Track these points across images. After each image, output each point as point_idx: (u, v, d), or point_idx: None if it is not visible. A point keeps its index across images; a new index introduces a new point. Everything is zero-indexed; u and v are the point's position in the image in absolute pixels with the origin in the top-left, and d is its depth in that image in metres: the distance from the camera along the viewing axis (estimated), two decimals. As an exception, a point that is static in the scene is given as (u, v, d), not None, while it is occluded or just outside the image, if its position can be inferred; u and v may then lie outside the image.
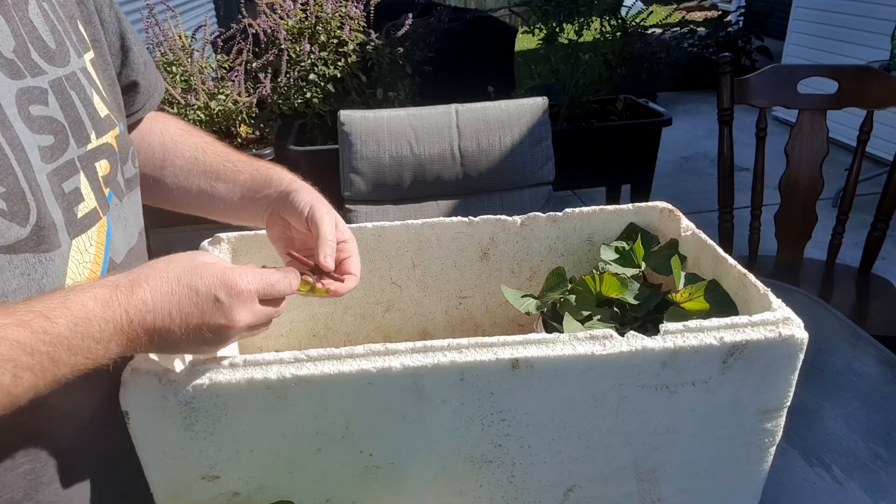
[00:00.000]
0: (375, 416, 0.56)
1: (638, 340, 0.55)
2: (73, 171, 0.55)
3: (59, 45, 0.56)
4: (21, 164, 0.49)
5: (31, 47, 0.53)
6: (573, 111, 2.72)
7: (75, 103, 0.56)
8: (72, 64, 0.57)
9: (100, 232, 0.57)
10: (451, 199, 1.68)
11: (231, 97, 2.34)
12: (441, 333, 0.87)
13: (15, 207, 0.48)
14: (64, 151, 0.54)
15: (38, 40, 0.54)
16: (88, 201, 0.56)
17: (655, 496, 0.65)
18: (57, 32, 0.56)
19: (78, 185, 0.55)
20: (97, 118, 0.59)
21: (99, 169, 0.58)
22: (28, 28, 0.54)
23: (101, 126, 0.59)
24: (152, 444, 0.55)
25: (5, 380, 0.43)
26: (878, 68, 1.76)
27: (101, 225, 0.58)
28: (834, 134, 1.66)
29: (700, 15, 6.68)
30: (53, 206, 0.52)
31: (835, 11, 4.00)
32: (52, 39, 0.56)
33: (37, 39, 0.54)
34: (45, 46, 0.54)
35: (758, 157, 1.67)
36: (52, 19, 0.57)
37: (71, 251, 0.54)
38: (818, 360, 0.97)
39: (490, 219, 0.81)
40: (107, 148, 0.59)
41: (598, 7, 2.69)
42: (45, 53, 0.54)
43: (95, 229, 0.57)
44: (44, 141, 0.52)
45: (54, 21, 0.57)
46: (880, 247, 1.62)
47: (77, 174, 0.55)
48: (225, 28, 2.58)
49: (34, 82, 0.52)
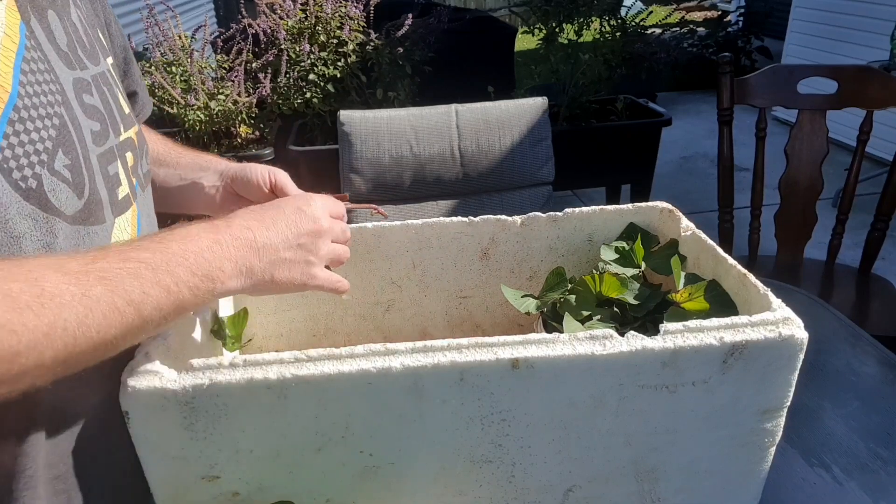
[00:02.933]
0: (375, 416, 0.56)
1: (638, 340, 0.55)
2: (113, 157, 0.59)
3: (91, 47, 0.61)
4: (80, 142, 0.54)
5: (77, 45, 0.59)
6: (573, 111, 2.72)
7: (109, 98, 0.61)
8: (101, 64, 0.62)
9: (133, 215, 0.62)
10: (451, 199, 1.68)
11: (231, 97, 2.34)
12: (441, 333, 0.87)
13: (77, 179, 0.53)
14: (107, 138, 0.59)
15: (80, 40, 0.60)
16: (125, 186, 0.61)
17: (655, 496, 0.65)
18: (88, 36, 0.62)
19: (117, 171, 0.60)
20: (123, 114, 0.64)
21: (128, 159, 0.63)
22: (72, 28, 0.59)
23: (127, 122, 0.64)
24: (152, 444, 0.55)
25: (135, 296, 0.46)
26: (878, 68, 1.75)
27: (133, 210, 0.62)
28: (834, 134, 1.67)
29: (700, 15, 6.68)
30: (101, 184, 0.56)
31: (835, 11, 4.00)
32: (87, 41, 0.61)
33: (79, 39, 0.59)
34: (84, 46, 0.60)
35: (758, 157, 1.67)
36: (85, 24, 0.62)
37: (114, 229, 0.58)
38: (818, 360, 0.97)
39: (490, 219, 0.81)
40: (131, 142, 0.64)
41: (597, 7, 2.69)
42: (85, 52, 0.60)
43: (130, 212, 0.61)
44: (94, 126, 0.57)
45: (86, 26, 0.62)
46: (880, 247, 1.62)
47: (116, 161, 0.60)
48: (225, 28, 2.58)
49: (82, 74, 0.58)
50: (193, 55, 2.36)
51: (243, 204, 0.72)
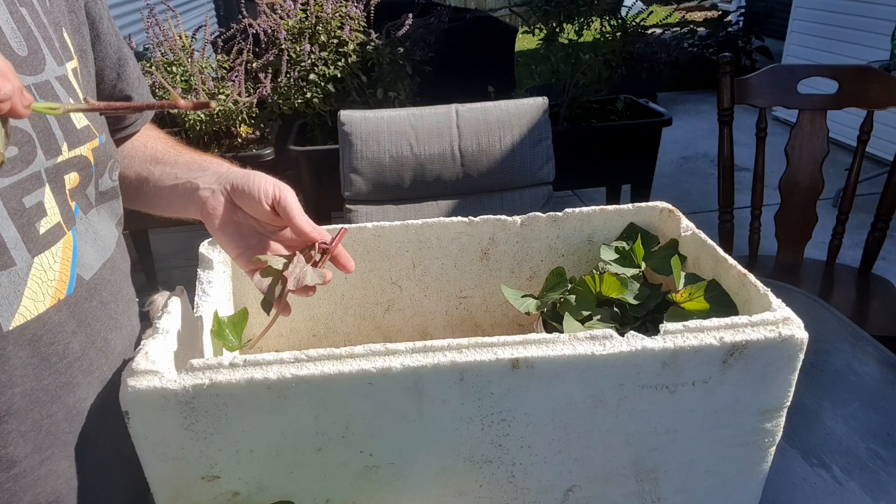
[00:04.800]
0: (375, 416, 0.56)
1: (638, 340, 0.55)
2: (37, 183, 0.53)
3: (32, 53, 0.54)
4: None
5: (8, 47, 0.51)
6: (573, 111, 2.73)
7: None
8: (46, 72, 0.55)
9: (65, 248, 0.56)
10: (451, 199, 1.68)
11: (231, 97, 2.34)
12: (441, 333, 0.87)
13: None
14: (30, 164, 0.52)
15: (4, 46, 0.52)
16: (52, 216, 0.54)
17: (655, 496, 0.65)
18: (32, 39, 0.55)
19: (41, 199, 0.53)
20: (71, 129, 0.57)
21: (67, 181, 0.56)
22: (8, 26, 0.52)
23: (76, 138, 0.57)
24: (152, 444, 0.55)
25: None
26: (878, 68, 1.75)
27: (66, 241, 0.56)
28: (834, 134, 1.67)
29: (700, 15, 6.68)
30: (4, 223, 0.50)
31: (835, 11, 4.00)
32: (23, 46, 0.53)
33: (3, 46, 0.52)
34: (11, 53, 0.52)
35: (758, 157, 1.67)
36: (30, 25, 0.55)
37: (32, 269, 0.52)
38: (818, 360, 0.97)
39: (490, 219, 0.81)
40: (79, 160, 0.58)
41: (598, 7, 2.69)
42: (13, 60, 0.52)
43: (60, 245, 0.55)
44: None
45: (31, 28, 0.55)
46: (880, 247, 1.62)
47: (42, 187, 0.53)
48: (225, 28, 2.58)
49: None
50: (194, 55, 2.36)
51: (239, 216, 0.67)
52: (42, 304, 0.53)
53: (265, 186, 0.65)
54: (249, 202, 0.66)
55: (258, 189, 0.65)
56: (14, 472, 0.53)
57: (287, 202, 0.65)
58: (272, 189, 0.65)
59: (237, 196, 0.66)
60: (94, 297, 0.59)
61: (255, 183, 0.65)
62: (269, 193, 0.65)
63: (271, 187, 0.65)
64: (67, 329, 0.56)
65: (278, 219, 0.66)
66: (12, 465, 0.53)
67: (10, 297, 0.51)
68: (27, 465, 0.54)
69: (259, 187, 0.65)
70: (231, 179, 0.67)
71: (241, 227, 0.67)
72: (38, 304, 0.53)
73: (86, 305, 0.58)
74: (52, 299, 0.54)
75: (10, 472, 0.53)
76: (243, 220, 0.67)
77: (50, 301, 0.54)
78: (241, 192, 0.66)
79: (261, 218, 0.66)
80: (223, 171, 0.69)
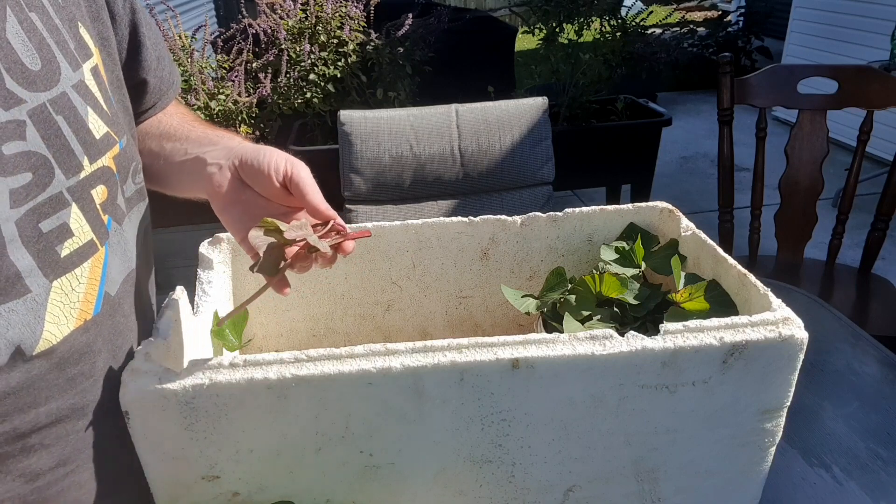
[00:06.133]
0: (375, 416, 0.56)
1: (638, 340, 0.55)
2: (60, 205, 0.50)
3: (46, 64, 0.50)
4: None
5: (7, 75, 0.47)
6: (573, 111, 2.73)
7: (62, 130, 0.51)
8: (62, 83, 0.51)
9: (93, 267, 0.53)
10: (451, 199, 1.68)
11: (231, 97, 2.34)
12: (441, 333, 0.87)
13: None
14: (46, 186, 0.49)
15: (16, 64, 0.48)
16: (80, 235, 0.51)
17: (655, 496, 0.65)
18: (45, 48, 0.51)
19: (66, 221, 0.50)
20: (90, 141, 0.53)
21: (96, 196, 0.53)
22: (5, 52, 0.48)
23: (96, 149, 0.54)
24: (152, 444, 0.55)
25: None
26: (878, 68, 1.75)
27: (97, 258, 0.53)
28: (834, 134, 1.67)
29: (700, 15, 6.68)
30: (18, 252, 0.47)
31: (835, 11, 4.00)
32: (36, 59, 0.50)
33: (14, 64, 0.48)
34: (24, 70, 0.48)
35: (758, 157, 1.67)
36: (41, 32, 0.51)
37: (51, 293, 0.49)
38: (818, 360, 0.97)
39: (490, 219, 0.81)
40: (103, 172, 0.55)
41: (598, 7, 2.69)
42: (26, 78, 0.49)
43: (88, 264, 0.52)
44: (17, 182, 0.47)
45: (43, 34, 0.51)
46: (880, 247, 1.62)
47: (67, 207, 0.50)
48: (225, 28, 2.58)
49: (8, 116, 0.47)
50: (194, 55, 2.36)
51: (247, 195, 0.61)
52: (66, 326, 0.51)
53: (276, 161, 0.60)
54: (258, 178, 0.61)
55: (268, 164, 0.60)
56: (38, 485, 0.53)
57: (300, 178, 0.60)
58: (283, 164, 0.60)
59: (245, 172, 0.61)
60: (117, 311, 0.58)
61: (266, 157, 0.60)
62: (281, 169, 0.60)
63: (283, 162, 0.60)
64: (94, 348, 0.54)
65: (290, 198, 0.61)
66: (36, 478, 0.52)
67: (31, 322, 0.49)
68: (51, 478, 0.53)
69: (269, 162, 0.60)
70: (240, 154, 0.62)
71: (249, 207, 0.62)
72: (61, 327, 0.50)
73: (110, 322, 0.56)
74: (78, 320, 0.52)
75: (33, 485, 0.52)
76: (252, 199, 0.62)
77: (75, 322, 0.52)
78: (249, 166, 0.61)
79: (271, 196, 0.61)
80: (233, 146, 0.64)
